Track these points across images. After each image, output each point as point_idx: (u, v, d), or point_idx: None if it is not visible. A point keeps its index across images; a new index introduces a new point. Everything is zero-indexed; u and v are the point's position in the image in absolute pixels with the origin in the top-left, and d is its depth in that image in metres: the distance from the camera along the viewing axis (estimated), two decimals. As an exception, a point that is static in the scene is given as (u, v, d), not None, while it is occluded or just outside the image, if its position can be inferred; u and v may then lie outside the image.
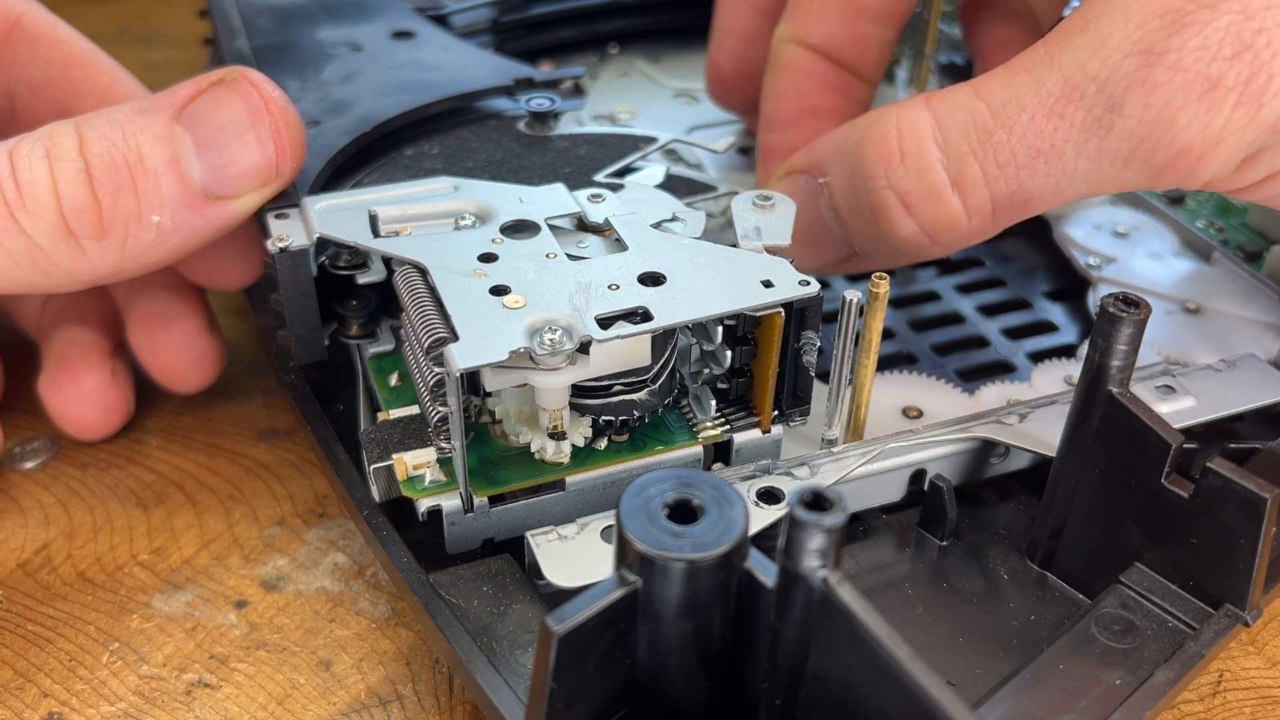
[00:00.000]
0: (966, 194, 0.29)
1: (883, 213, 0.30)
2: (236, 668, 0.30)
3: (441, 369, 0.26)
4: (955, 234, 0.30)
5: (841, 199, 0.31)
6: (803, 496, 0.19)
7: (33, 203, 0.29)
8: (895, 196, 0.29)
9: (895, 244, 0.31)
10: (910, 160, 0.29)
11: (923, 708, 0.18)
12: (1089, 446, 0.28)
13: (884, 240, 0.31)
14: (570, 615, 0.20)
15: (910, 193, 0.29)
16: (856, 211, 0.31)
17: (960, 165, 0.28)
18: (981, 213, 0.29)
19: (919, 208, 0.29)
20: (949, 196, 0.29)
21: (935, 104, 0.29)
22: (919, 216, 0.29)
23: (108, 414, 0.36)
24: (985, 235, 0.30)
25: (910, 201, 0.29)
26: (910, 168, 0.29)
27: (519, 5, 0.50)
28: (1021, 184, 0.28)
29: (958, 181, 0.29)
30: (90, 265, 0.30)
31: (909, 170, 0.29)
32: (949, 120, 0.28)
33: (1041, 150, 0.28)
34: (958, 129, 0.28)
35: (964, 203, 0.29)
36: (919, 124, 0.29)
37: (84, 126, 0.29)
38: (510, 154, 0.37)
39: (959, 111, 0.28)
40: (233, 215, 0.30)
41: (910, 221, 0.30)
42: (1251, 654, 0.30)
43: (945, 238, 0.30)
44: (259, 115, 0.30)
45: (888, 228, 0.30)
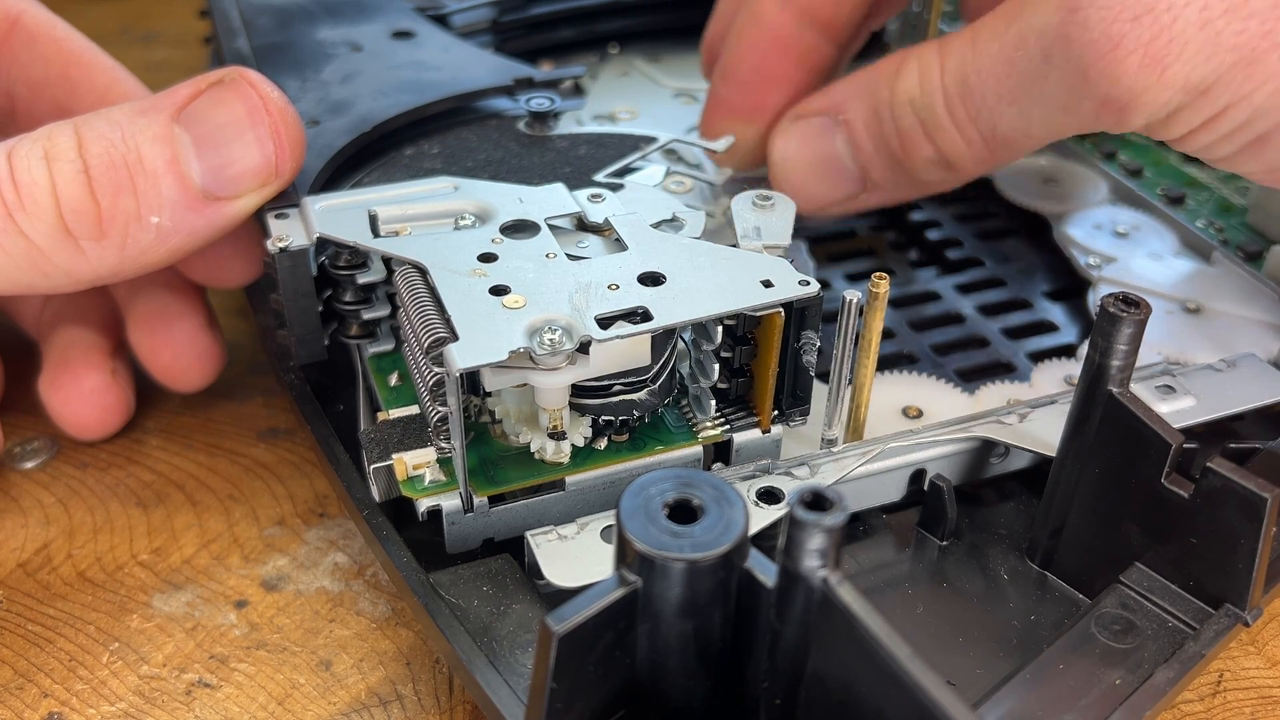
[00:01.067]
0: (961, 129, 0.32)
1: (908, 137, 0.34)
2: (236, 668, 0.30)
3: (441, 369, 0.26)
4: (961, 159, 0.33)
5: (865, 131, 0.35)
6: (803, 496, 0.19)
7: (31, 204, 0.29)
8: (918, 124, 0.33)
9: (917, 168, 0.34)
10: (926, 96, 0.33)
11: (923, 708, 0.18)
12: (1089, 446, 0.28)
13: (907, 165, 0.34)
14: (570, 615, 0.20)
15: (927, 121, 0.33)
16: (881, 140, 0.34)
17: (953, 105, 0.32)
18: (975, 144, 0.33)
19: (934, 135, 0.33)
20: (950, 129, 0.33)
21: (944, 46, 0.32)
22: (935, 142, 0.33)
23: (108, 414, 0.36)
24: (991, 166, 0.34)
25: (928, 128, 0.33)
26: (924, 103, 0.33)
27: (519, 5, 0.50)
28: (996, 124, 0.32)
29: (954, 119, 0.32)
30: (89, 266, 0.30)
31: (924, 104, 0.33)
32: (949, 63, 0.32)
33: (1002, 95, 0.31)
34: (952, 72, 0.32)
35: (960, 134, 0.33)
36: (932, 67, 0.32)
37: (83, 127, 0.29)
38: (510, 154, 0.37)
39: (956, 56, 0.32)
40: (232, 216, 0.30)
41: (929, 146, 0.33)
42: (1251, 654, 0.30)
43: (961, 163, 0.34)
44: (258, 116, 0.30)
45: (915, 153, 0.34)
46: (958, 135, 0.33)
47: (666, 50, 0.52)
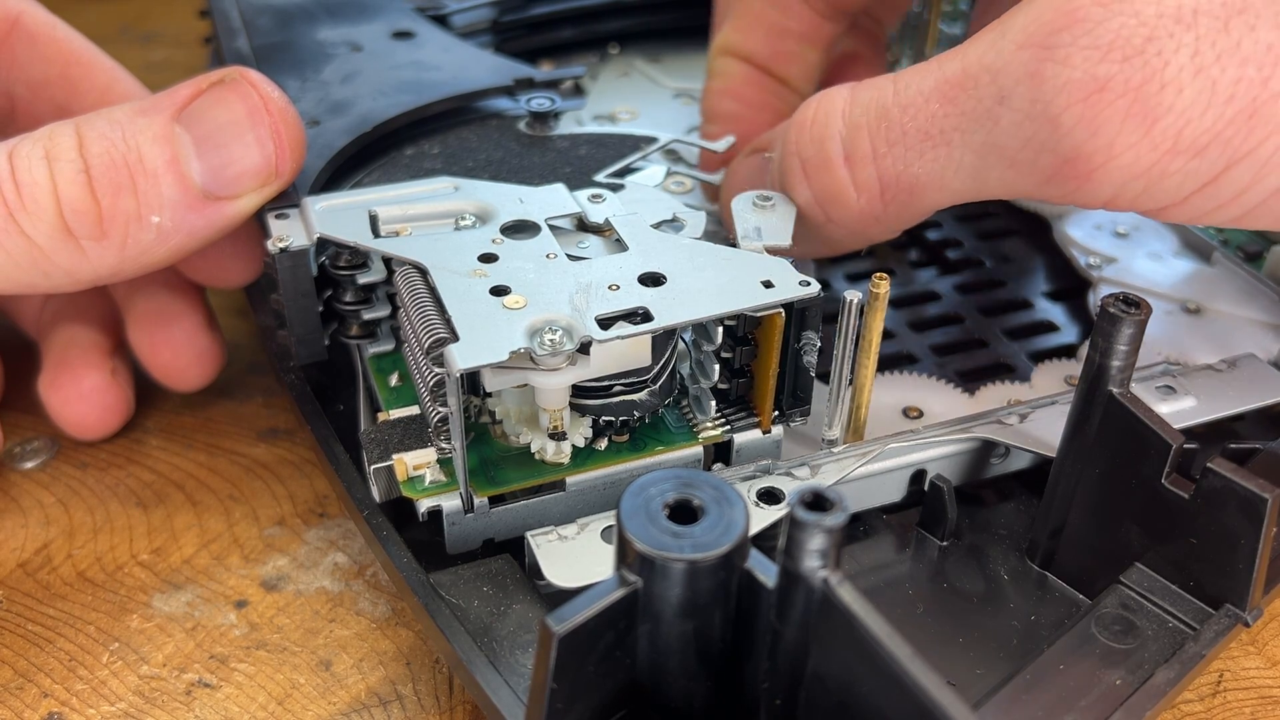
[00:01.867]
0: (855, 168, 0.29)
1: (787, 179, 0.30)
2: (236, 668, 0.30)
3: (441, 369, 0.26)
4: (845, 209, 0.30)
5: (776, 169, 0.32)
6: (803, 497, 0.19)
7: (32, 204, 0.29)
8: (799, 163, 0.30)
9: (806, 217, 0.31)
10: (815, 128, 0.29)
11: (923, 708, 0.18)
12: (1089, 447, 0.28)
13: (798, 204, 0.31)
14: (570, 615, 0.20)
15: (809, 160, 0.29)
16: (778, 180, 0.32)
17: (854, 139, 0.29)
18: (869, 190, 0.29)
19: (813, 176, 0.30)
20: (839, 167, 0.29)
21: (858, 85, 0.29)
22: (812, 184, 0.30)
23: (108, 414, 0.36)
24: (878, 220, 0.30)
25: (808, 169, 0.30)
26: (814, 135, 0.29)
27: (519, 5, 0.50)
28: (908, 165, 0.28)
29: (850, 155, 0.29)
30: (90, 266, 0.30)
31: (812, 138, 0.29)
32: (860, 97, 0.29)
33: (930, 134, 0.27)
34: (862, 105, 0.29)
35: (852, 176, 0.29)
36: (836, 99, 0.29)
37: (84, 127, 0.29)
38: (510, 154, 0.37)
39: (871, 90, 0.29)
40: (232, 216, 0.30)
41: (806, 189, 0.30)
42: (1251, 654, 0.30)
43: (837, 213, 0.30)
44: (258, 116, 0.30)
45: (790, 191, 0.31)
46: (845, 176, 0.29)
47: (666, 50, 0.52)
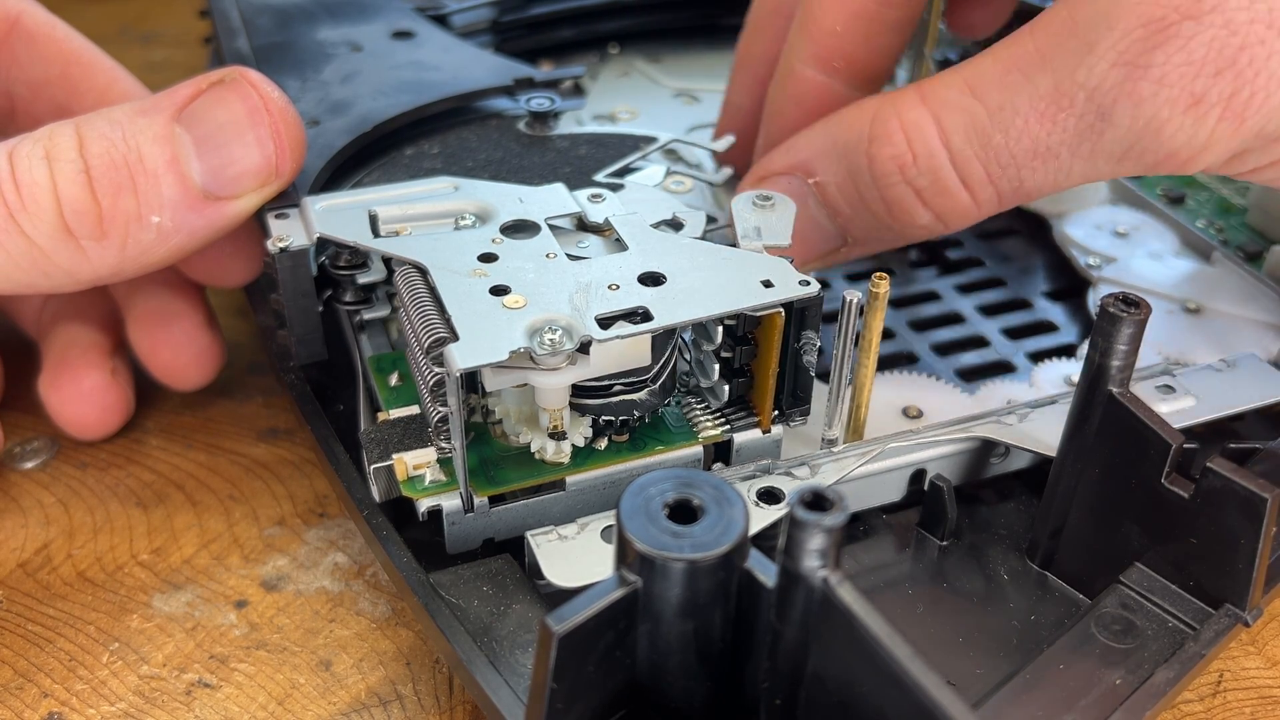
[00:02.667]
0: (974, 190, 0.30)
1: (900, 206, 0.31)
2: (236, 668, 0.30)
3: (441, 369, 0.26)
4: (966, 219, 0.31)
5: (840, 196, 0.32)
6: (803, 496, 0.19)
7: (32, 204, 0.29)
8: (912, 192, 0.31)
9: (909, 232, 0.32)
10: (922, 162, 0.30)
11: (923, 708, 0.18)
12: (1089, 446, 0.28)
13: (896, 230, 0.32)
14: (570, 615, 0.20)
15: (925, 189, 0.31)
16: (862, 206, 0.32)
17: (966, 167, 0.30)
18: (989, 203, 0.31)
19: (934, 201, 0.31)
20: (960, 192, 0.30)
21: (933, 102, 0.30)
22: (934, 208, 0.31)
23: (108, 413, 0.36)
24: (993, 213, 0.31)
25: (926, 197, 0.31)
26: (923, 168, 0.30)
27: (519, 5, 0.50)
28: (1023, 181, 0.30)
29: (965, 180, 0.30)
30: (90, 266, 0.30)
31: (922, 170, 0.30)
32: (950, 122, 0.29)
33: (1038, 152, 0.29)
34: (959, 131, 0.29)
35: (973, 197, 0.30)
36: (923, 126, 0.30)
37: (84, 127, 0.29)
38: (510, 154, 0.37)
39: (958, 113, 0.29)
40: (233, 216, 0.30)
41: (926, 212, 0.31)
42: (1251, 654, 0.30)
43: (957, 223, 0.32)
44: (258, 116, 0.30)
45: (906, 219, 0.32)
46: (967, 196, 0.30)
47: (666, 50, 0.52)
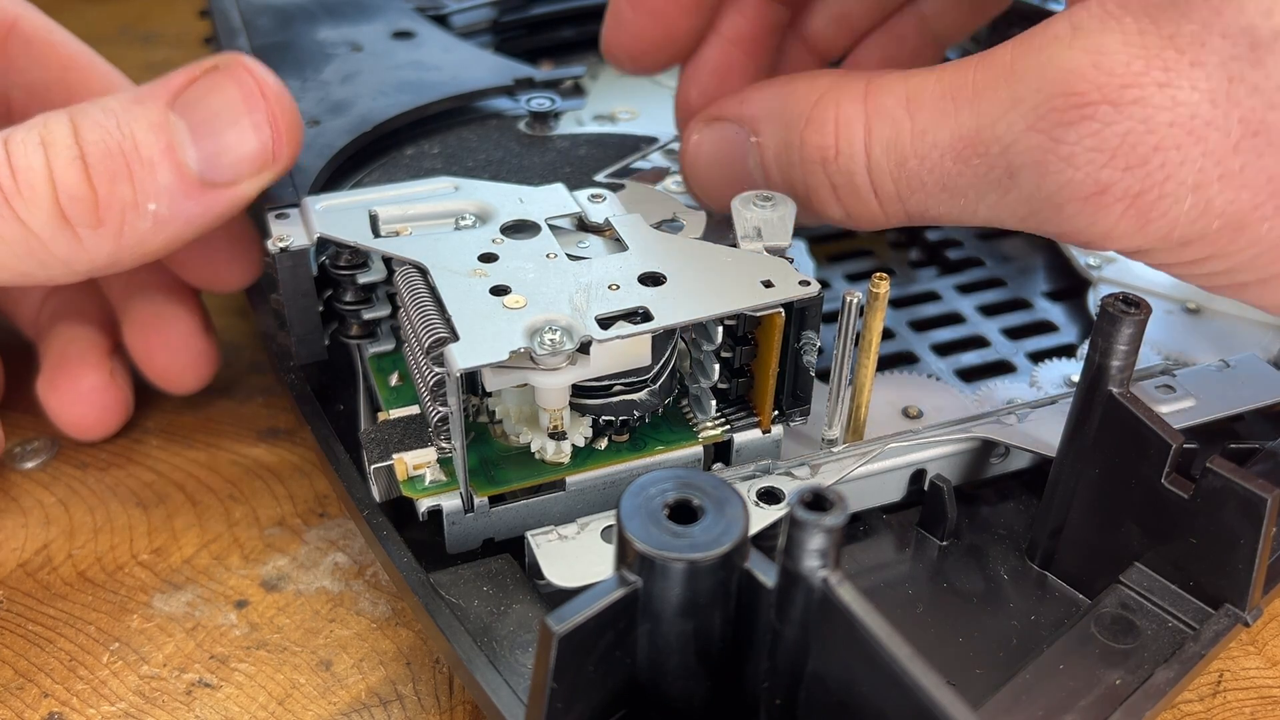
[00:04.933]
0: (883, 202, 0.30)
1: (817, 194, 0.31)
2: (237, 668, 0.30)
3: (442, 369, 0.26)
4: (874, 225, 0.31)
5: (774, 163, 0.32)
6: (803, 496, 0.19)
7: (28, 190, 0.28)
8: (829, 185, 0.30)
9: (824, 218, 0.32)
10: (843, 160, 0.30)
11: (923, 708, 0.18)
12: (1089, 446, 0.28)
13: (812, 211, 0.32)
14: (570, 615, 0.20)
15: (840, 187, 0.30)
16: (788, 179, 0.32)
17: (880, 178, 0.29)
18: (897, 216, 0.30)
19: (846, 199, 0.30)
20: (870, 200, 0.30)
21: (871, 103, 0.29)
22: (845, 206, 0.30)
23: (107, 414, 0.36)
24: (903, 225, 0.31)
25: (840, 194, 0.30)
26: (841, 166, 0.30)
27: (519, 5, 0.50)
28: (929, 209, 0.29)
29: (877, 190, 0.29)
30: (87, 254, 0.30)
31: (841, 168, 0.30)
32: (878, 130, 0.29)
33: (947, 187, 0.28)
34: (881, 143, 0.29)
35: (882, 208, 0.30)
36: (854, 125, 0.29)
37: (78, 115, 0.29)
38: (511, 154, 0.37)
39: (888, 124, 0.29)
40: (230, 202, 0.30)
41: (838, 207, 0.31)
42: (1251, 654, 0.30)
43: (866, 225, 0.31)
44: (254, 101, 0.30)
45: (820, 206, 0.31)
46: (876, 205, 0.30)
47: (666, 50, 0.52)
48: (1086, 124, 0.25)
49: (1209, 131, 0.24)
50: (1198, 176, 0.25)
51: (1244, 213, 0.25)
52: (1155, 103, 0.25)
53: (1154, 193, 0.25)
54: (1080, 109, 0.25)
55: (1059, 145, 0.25)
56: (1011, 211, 0.28)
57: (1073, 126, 0.25)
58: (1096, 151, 0.25)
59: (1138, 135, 0.25)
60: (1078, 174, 0.25)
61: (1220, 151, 0.25)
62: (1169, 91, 0.24)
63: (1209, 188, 0.25)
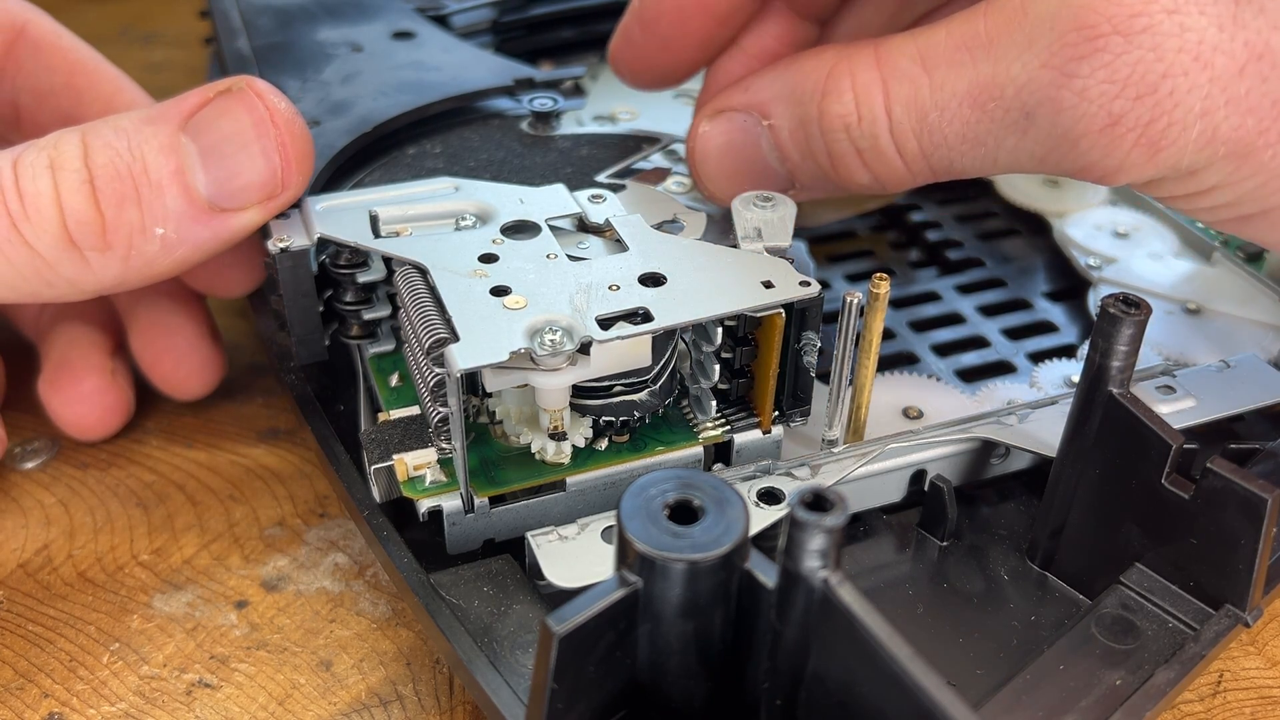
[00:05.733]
0: (908, 161, 0.30)
1: (842, 161, 0.31)
2: (237, 668, 0.30)
3: (442, 369, 0.26)
4: (902, 185, 0.31)
5: (791, 142, 0.32)
6: (803, 497, 0.19)
7: (35, 214, 0.28)
8: (854, 151, 0.31)
9: (849, 187, 0.32)
10: (865, 125, 0.30)
11: (923, 708, 0.18)
12: (1089, 447, 0.28)
13: (838, 183, 0.32)
14: (571, 616, 0.20)
15: (865, 151, 0.30)
16: (809, 155, 0.32)
17: (903, 138, 0.30)
18: (922, 174, 0.30)
19: (872, 163, 0.31)
20: (895, 160, 0.30)
21: (885, 67, 0.30)
22: (872, 169, 0.31)
23: (108, 414, 0.36)
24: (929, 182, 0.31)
25: (866, 158, 0.31)
26: (865, 131, 0.30)
27: (519, 5, 0.50)
28: (953, 161, 0.29)
29: (901, 150, 0.30)
30: (94, 276, 0.30)
31: (864, 133, 0.30)
32: (896, 91, 0.29)
33: (967, 137, 0.29)
34: (902, 102, 0.29)
35: (907, 167, 0.30)
36: (872, 89, 0.30)
37: (89, 135, 0.29)
38: (512, 154, 0.37)
39: (905, 83, 0.29)
40: (237, 229, 0.30)
41: (865, 172, 0.31)
42: (1252, 654, 0.30)
43: (894, 186, 0.31)
44: (264, 128, 0.29)
45: (845, 174, 0.31)
46: (902, 165, 0.30)
47: (666, 50, 0.52)
48: (1098, 56, 0.25)
49: (1215, 56, 0.25)
50: (1204, 103, 0.25)
51: (1249, 138, 0.26)
52: (1164, 30, 0.25)
53: (1163, 121, 0.26)
54: (1091, 41, 0.25)
55: (1072, 80, 0.26)
56: (1029, 154, 0.28)
57: (1085, 60, 0.26)
58: (1108, 83, 0.25)
59: (1147, 64, 0.25)
60: (1091, 107, 0.26)
61: (1226, 76, 0.25)
62: (1177, 18, 0.25)
63: (1215, 114, 0.25)
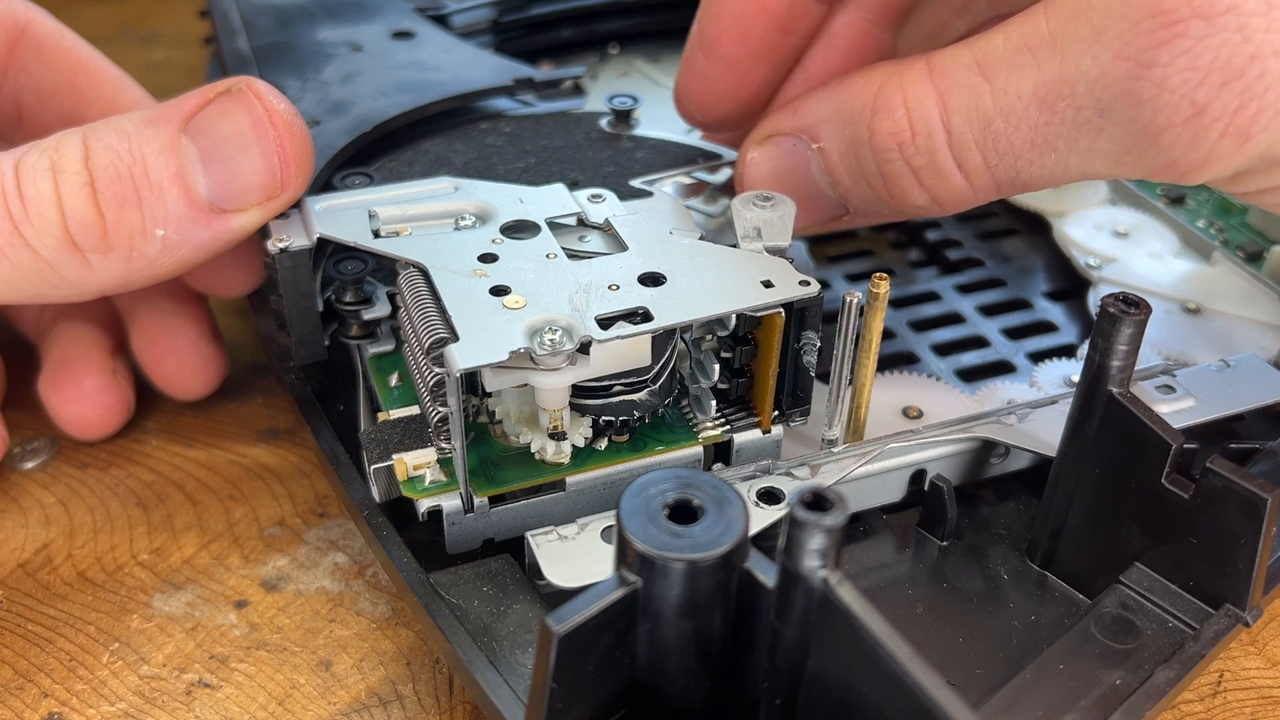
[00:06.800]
0: (970, 175, 0.29)
1: (896, 183, 0.30)
2: (237, 668, 0.30)
3: (442, 369, 0.26)
4: (962, 204, 0.30)
5: (841, 165, 0.31)
6: (803, 496, 0.19)
7: (37, 216, 0.28)
8: (909, 170, 0.30)
9: (906, 210, 0.31)
10: (920, 140, 0.29)
11: (923, 708, 0.18)
12: (1089, 446, 0.28)
13: (893, 205, 0.31)
14: (570, 615, 0.20)
15: (922, 169, 0.29)
16: (861, 177, 0.31)
17: (963, 151, 0.28)
18: (985, 189, 0.29)
19: (930, 182, 0.30)
20: (955, 175, 0.29)
21: (940, 79, 0.28)
22: (929, 189, 0.30)
23: (108, 413, 0.36)
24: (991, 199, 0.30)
25: (922, 177, 0.30)
26: (921, 147, 0.29)
27: (519, 5, 0.50)
28: (1019, 171, 0.28)
29: (962, 164, 0.29)
30: (96, 278, 0.30)
31: (920, 149, 0.29)
32: (954, 101, 0.28)
33: (1036, 143, 0.27)
34: (961, 112, 0.28)
35: (969, 182, 0.29)
36: (926, 103, 0.29)
37: (90, 137, 0.29)
38: (571, 144, 0.37)
39: (963, 92, 0.28)
40: (238, 230, 0.30)
41: (922, 192, 0.30)
42: (1251, 654, 0.30)
43: (952, 206, 0.30)
44: (263, 129, 0.30)
45: (900, 196, 0.30)
46: (963, 181, 0.29)
47: (666, 50, 0.52)
48: (1178, 42, 0.24)
49: None
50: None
51: None
52: (1250, 8, 0.24)
53: (1253, 105, 0.24)
54: (1170, 27, 0.24)
55: (1151, 69, 0.24)
56: (1105, 154, 0.27)
57: (1163, 47, 0.24)
58: (1190, 70, 0.24)
59: (1233, 46, 0.24)
60: (1173, 97, 0.24)
61: None
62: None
63: None
